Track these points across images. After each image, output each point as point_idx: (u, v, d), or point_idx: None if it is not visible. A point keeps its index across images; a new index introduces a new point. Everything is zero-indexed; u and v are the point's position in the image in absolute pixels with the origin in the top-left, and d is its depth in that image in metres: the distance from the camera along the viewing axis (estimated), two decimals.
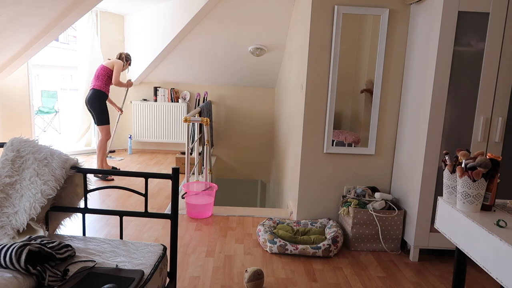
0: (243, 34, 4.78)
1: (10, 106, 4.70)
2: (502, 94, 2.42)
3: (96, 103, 4.35)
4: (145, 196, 1.82)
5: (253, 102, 6.02)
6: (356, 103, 2.99)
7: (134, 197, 3.78)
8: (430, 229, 2.60)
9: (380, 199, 2.84)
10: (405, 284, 2.36)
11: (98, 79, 4.37)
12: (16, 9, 3.00)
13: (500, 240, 1.32)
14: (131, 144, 5.86)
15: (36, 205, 1.70)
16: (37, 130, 5.35)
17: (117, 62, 4.45)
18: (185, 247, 2.73)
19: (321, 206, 3.10)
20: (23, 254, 1.36)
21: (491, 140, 2.48)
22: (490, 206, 1.60)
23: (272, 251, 2.68)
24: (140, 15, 5.41)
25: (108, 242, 1.76)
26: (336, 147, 3.00)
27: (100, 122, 4.41)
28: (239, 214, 3.40)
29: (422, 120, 2.56)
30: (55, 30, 3.72)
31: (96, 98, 4.34)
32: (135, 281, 1.42)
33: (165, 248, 1.76)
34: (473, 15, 2.35)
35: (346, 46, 2.88)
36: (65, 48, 9.73)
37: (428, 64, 2.50)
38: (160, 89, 5.86)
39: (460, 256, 1.77)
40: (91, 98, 4.35)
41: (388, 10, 2.81)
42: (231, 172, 6.25)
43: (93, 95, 4.34)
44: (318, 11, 2.82)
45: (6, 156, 1.81)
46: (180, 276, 2.34)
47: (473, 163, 1.54)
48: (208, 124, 3.90)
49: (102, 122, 4.41)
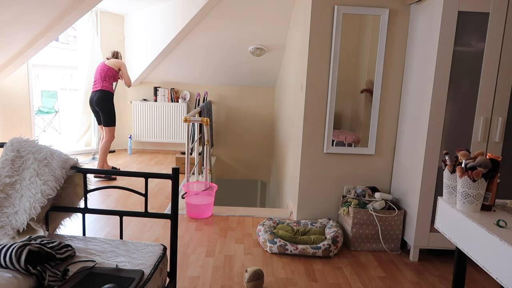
0: (243, 34, 4.78)
1: (10, 106, 4.70)
2: (502, 94, 2.42)
3: (107, 104, 4.33)
4: (145, 196, 1.82)
5: (253, 102, 6.02)
6: (356, 103, 2.99)
7: (134, 197, 3.78)
8: (430, 229, 2.60)
9: (380, 199, 2.84)
10: (405, 284, 2.36)
11: (105, 80, 4.33)
12: (16, 9, 3.00)
13: (500, 240, 1.32)
14: (131, 144, 5.86)
15: (36, 205, 1.70)
16: (37, 130, 5.35)
17: (122, 63, 4.45)
18: (185, 247, 2.73)
19: (321, 206, 3.10)
20: (23, 254, 1.36)
21: (491, 140, 2.48)
22: (490, 206, 1.60)
23: (272, 251, 2.68)
24: (140, 15, 5.41)
25: (108, 242, 1.76)
26: (336, 147, 3.00)
27: (109, 123, 4.39)
28: (239, 214, 3.40)
29: (422, 120, 2.56)
30: (55, 30, 3.72)
31: (106, 99, 4.32)
32: (135, 281, 1.42)
33: (165, 248, 1.76)
34: (473, 15, 2.35)
35: (346, 46, 2.88)
36: (65, 48, 9.73)
37: (428, 64, 2.50)
38: (160, 89, 5.86)
39: (460, 256, 1.77)
40: (100, 99, 4.31)
41: (388, 10, 2.81)
42: (231, 172, 6.25)
43: (103, 96, 4.31)
44: (318, 11, 2.82)
45: (6, 156, 1.81)
46: (180, 276, 2.34)
47: (473, 163, 1.54)
48: (208, 124, 3.90)
49: (111, 123, 4.40)
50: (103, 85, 4.32)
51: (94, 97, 4.34)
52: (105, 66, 4.37)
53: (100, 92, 4.31)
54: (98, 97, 4.31)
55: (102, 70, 4.36)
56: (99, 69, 4.38)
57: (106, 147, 4.45)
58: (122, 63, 4.45)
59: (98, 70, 4.39)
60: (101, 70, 4.37)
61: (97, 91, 4.33)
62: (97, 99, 4.31)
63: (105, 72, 4.34)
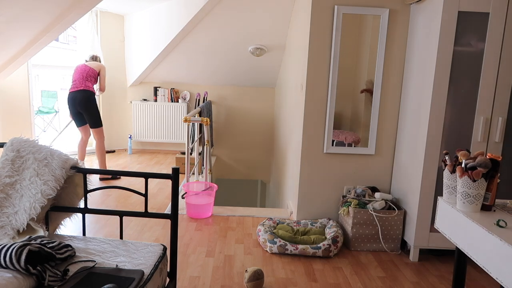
0: (243, 34, 4.78)
1: (10, 106, 4.70)
2: (502, 94, 2.42)
3: (92, 104, 4.18)
4: (145, 196, 1.82)
5: (253, 102, 6.02)
6: (356, 103, 2.99)
7: (134, 197, 3.78)
8: (430, 229, 2.60)
9: (380, 199, 2.84)
10: (405, 284, 2.36)
11: (88, 80, 4.17)
12: (16, 9, 3.00)
13: (500, 240, 1.32)
14: (131, 144, 5.86)
15: (36, 205, 1.70)
16: (37, 130, 5.35)
17: (103, 67, 4.33)
18: (185, 247, 2.72)
19: (321, 206, 3.10)
20: (23, 254, 1.36)
21: (491, 140, 2.47)
22: (490, 206, 1.60)
23: (272, 251, 2.68)
24: (140, 15, 5.41)
25: (108, 242, 1.76)
26: (336, 147, 3.00)
27: (97, 124, 4.25)
28: (239, 214, 3.39)
29: (422, 120, 2.56)
30: (55, 30, 3.72)
31: (90, 100, 4.16)
32: (135, 281, 1.42)
33: (165, 248, 1.76)
34: (473, 15, 2.35)
35: (346, 46, 2.87)
36: (65, 48, 9.72)
37: (428, 64, 2.50)
38: (160, 89, 5.86)
39: (460, 256, 1.77)
40: (85, 100, 4.13)
41: (388, 10, 2.81)
42: (231, 172, 6.25)
43: (88, 97, 4.15)
44: (318, 11, 2.82)
45: (6, 156, 1.81)
46: (180, 276, 2.34)
47: (473, 163, 1.54)
48: (208, 124, 3.90)
49: (99, 124, 4.27)
50: (86, 85, 4.15)
51: (77, 98, 4.13)
52: (86, 67, 4.22)
53: (84, 92, 4.13)
54: (82, 97, 4.13)
55: (84, 70, 4.20)
56: (80, 69, 4.21)
57: (102, 148, 4.34)
58: (103, 66, 4.34)
59: (78, 71, 4.21)
60: (82, 70, 4.20)
61: (79, 91, 4.14)
62: (82, 100, 4.12)
63: (87, 73, 4.19)
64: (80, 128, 4.34)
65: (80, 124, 4.31)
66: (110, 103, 5.80)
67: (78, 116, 4.26)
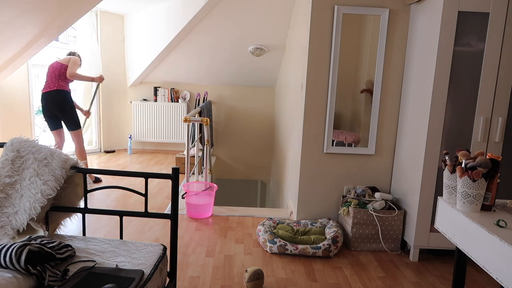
0: (243, 34, 4.78)
1: (10, 106, 4.70)
2: (502, 94, 2.42)
3: (66, 105, 3.87)
4: (145, 196, 1.82)
5: (253, 102, 6.02)
6: (356, 103, 2.99)
7: (134, 197, 3.78)
8: (430, 229, 2.60)
9: (380, 199, 2.84)
10: (405, 284, 2.36)
11: (60, 78, 3.84)
12: (16, 9, 3.00)
13: (500, 240, 1.32)
14: (131, 144, 5.86)
15: (36, 205, 1.70)
16: (37, 130, 5.35)
17: (73, 57, 3.98)
18: (185, 247, 2.72)
19: (321, 206, 3.10)
20: (23, 254, 1.36)
21: (491, 140, 2.47)
22: (490, 206, 1.60)
23: (272, 251, 2.68)
24: (140, 15, 5.41)
25: (108, 242, 1.76)
26: (336, 147, 3.00)
27: (75, 127, 3.94)
28: (239, 214, 3.39)
29: (422, 120, 2.56)
30: (55, 30, 3.72)
31: (65, 100, 3.86)
32: (135, 281, 1.42)
33: (165, 248, 1.76)
34: (473, 15, 2.35)
35: (346, 46, 2.87)
36: (65, 48, 9.72)
37: (428, 64, 2.50)
38: (160, 89, 5.86)
39: (460, 256, 1.77)
40: (58, 101, 3.83)
41: (388, 10, 2.81)
42: (231, 172, 6.25)
43: (62, 97, 3.84)
44: (318, 11, 2.82)
45: (6, 156, 1.81)
46: (180, 276, 2.34)
47: (473, 163, 1.54)
48: (208, 124, 3.90)
49: (77, 125, 3.96)
50: (59, 84, 3.83)
51: (50, 99, 3.83)
52: (58, 64, 3.91)
53: (57, 92, 3.82)
54: (56, 98, 3.82)
55: (55, 68, 3.89)
56: (51, 68, 3.91)
57: (82, 151, 4.02)
58: (73, 58, 3.96)
59: (50, 70, 3.91)
60: (54, 68, 3.89)
61: (51, 91, 3.83)
62: (55, 101, 3.82)
63: (59, 70, 3.86)
64: (54, 132, 3.99)
65: (54, 127, 3.97)
66: (110, 103, 5.80)
67: (52, 118, 3.93)
